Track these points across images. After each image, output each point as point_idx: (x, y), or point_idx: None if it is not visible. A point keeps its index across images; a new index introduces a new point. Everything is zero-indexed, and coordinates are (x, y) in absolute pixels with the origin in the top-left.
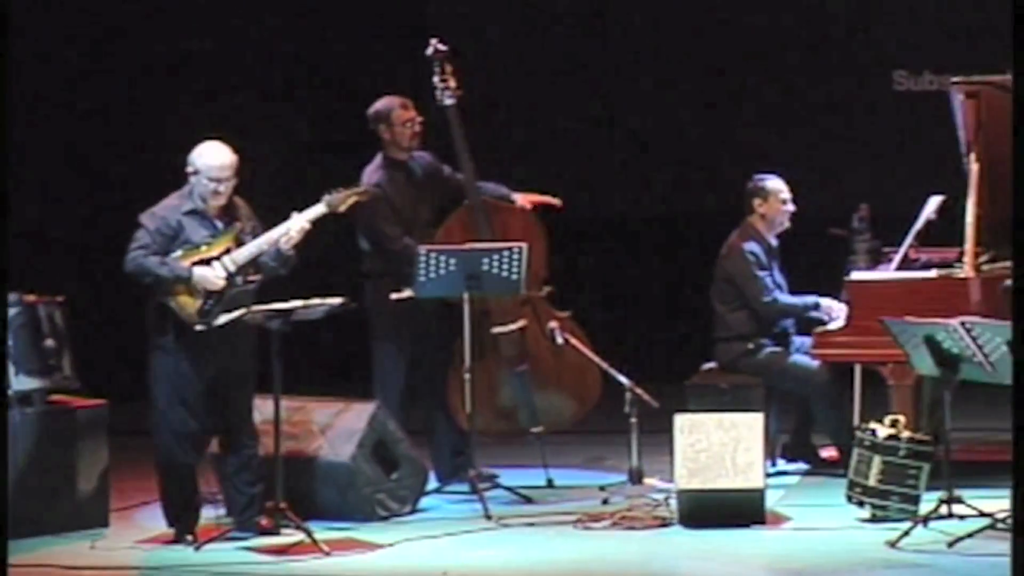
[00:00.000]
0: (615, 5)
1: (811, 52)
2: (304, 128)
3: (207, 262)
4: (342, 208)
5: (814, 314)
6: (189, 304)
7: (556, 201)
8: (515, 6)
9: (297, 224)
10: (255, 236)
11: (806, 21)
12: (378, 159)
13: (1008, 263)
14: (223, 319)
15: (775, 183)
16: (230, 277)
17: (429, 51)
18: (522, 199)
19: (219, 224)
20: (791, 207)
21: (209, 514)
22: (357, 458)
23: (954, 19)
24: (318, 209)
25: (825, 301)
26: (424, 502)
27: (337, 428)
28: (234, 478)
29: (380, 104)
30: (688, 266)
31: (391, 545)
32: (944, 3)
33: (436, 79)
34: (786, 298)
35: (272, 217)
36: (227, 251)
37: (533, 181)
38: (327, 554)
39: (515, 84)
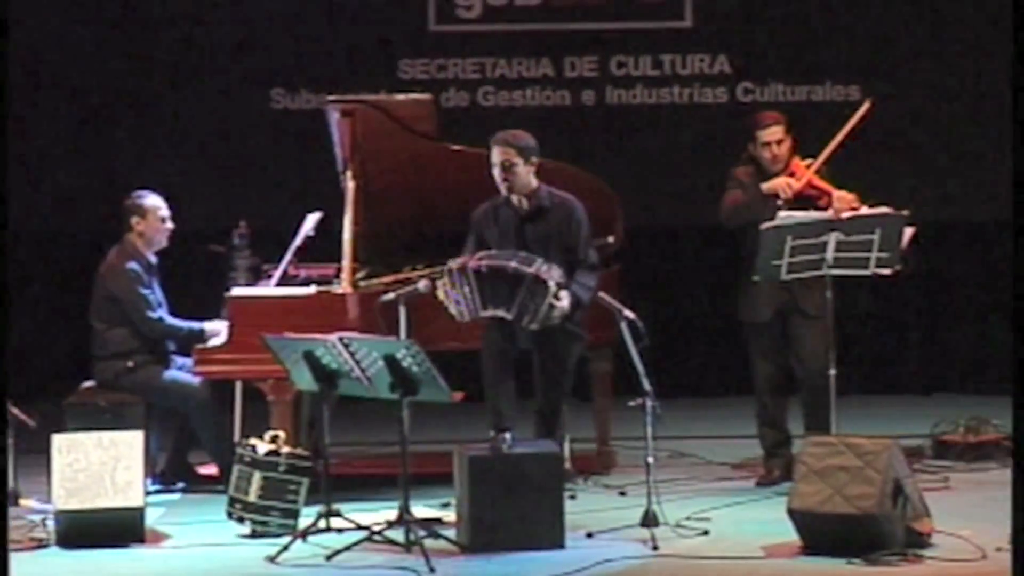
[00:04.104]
0: None
1: (188, 69)
2: None
3: None
4: None
5: (201, 338)
6: None
7: None
8: None
9: None
10: None
11: (182, 39)
12: None
13: (385, 278)
14: None
15: (153, 200)
16: None
17: None
18: None
19: None
20: (170, 224)
21: None
22: None
23: (331, 38)
24: None
25: (210, 326)
26: None
27: None
28: None
29: None
30: (66, 283)
31: None
32: (322, 23)
33: None
34: (173, 320)
35: None
36: None
37: None
38: None
39: None
